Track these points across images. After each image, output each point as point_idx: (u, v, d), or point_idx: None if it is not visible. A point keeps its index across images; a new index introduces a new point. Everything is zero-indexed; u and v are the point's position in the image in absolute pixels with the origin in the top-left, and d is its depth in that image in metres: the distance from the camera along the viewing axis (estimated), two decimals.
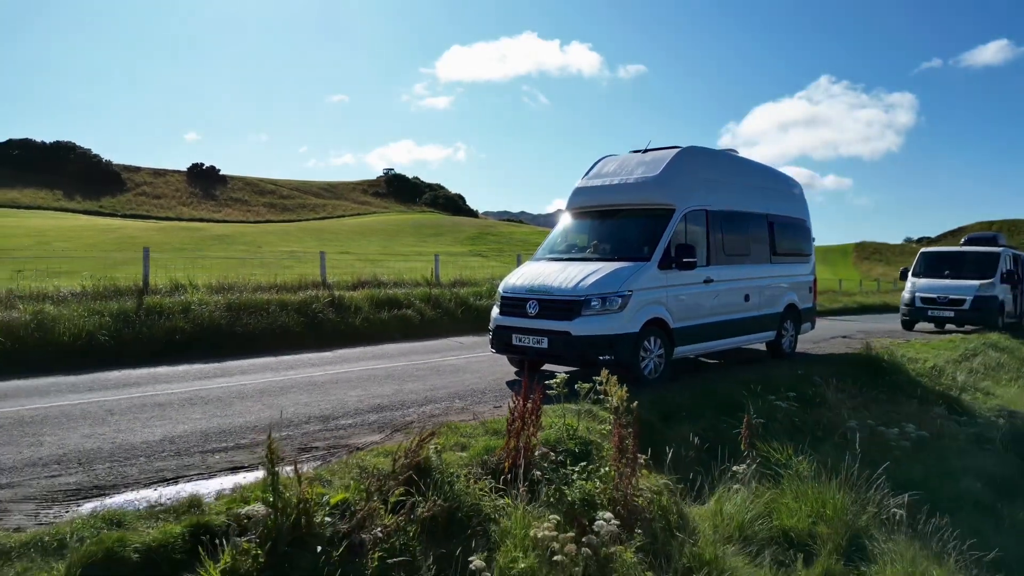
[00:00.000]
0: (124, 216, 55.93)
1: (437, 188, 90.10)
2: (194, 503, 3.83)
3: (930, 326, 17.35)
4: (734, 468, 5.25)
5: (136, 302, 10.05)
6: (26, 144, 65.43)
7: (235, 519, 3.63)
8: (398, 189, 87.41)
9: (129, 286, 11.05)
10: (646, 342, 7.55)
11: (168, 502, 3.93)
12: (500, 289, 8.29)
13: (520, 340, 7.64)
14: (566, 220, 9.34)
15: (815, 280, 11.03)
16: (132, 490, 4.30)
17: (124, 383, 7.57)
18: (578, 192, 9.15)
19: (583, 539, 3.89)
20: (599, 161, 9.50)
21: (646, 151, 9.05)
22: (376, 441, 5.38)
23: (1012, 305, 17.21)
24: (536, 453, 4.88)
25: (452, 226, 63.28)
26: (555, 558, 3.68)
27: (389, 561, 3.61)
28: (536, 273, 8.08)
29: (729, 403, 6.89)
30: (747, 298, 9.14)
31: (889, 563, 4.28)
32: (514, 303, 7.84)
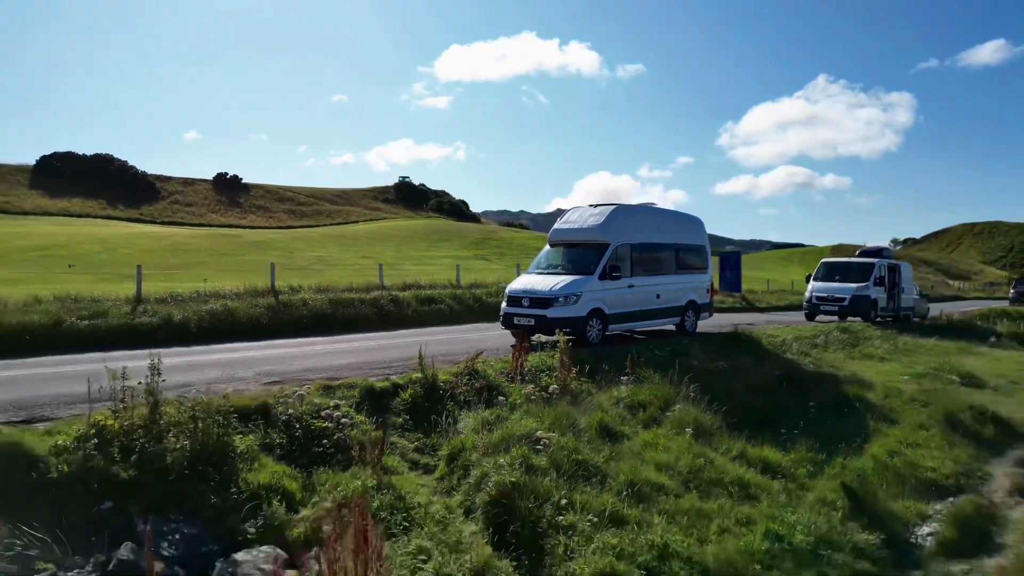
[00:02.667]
0: (162, 223, 61.43)
1: (442, 194, 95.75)
2: (387, 378, 9.38)
3: (832, 317, 22.78)
4: (621, 379, 10.78)
5: (274, 298, 15.61)
6: (69, 156, 70.92)
7: (408, 381, 9.18)
8: (406, 195, 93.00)
9: (263, 287, 16.58)
10: (590, 321, 13.07)
11: (375, 379, 9.45)
12: (507, 290, 13.84)
13: (518, 320, 13.15)
14: (547, 248, 14.90)
15: (711, 284, 16.58)
16: (370, 374, 9.80)
17: (292, 344, 13.09)
18: (555, 231, 14.71)
19: (543, 394, 9.46)
20: (568, 210, 15.06)
21: (596, 206, 14.59)
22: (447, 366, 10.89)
23: (886, 302, 22.73)
24: (526, 368, 10.46)
25: (458, 231, 68.81)
26: (531, 398, 9.22)
27: (466, 400, 9.15)
28: (528, 281, 13.64)
29: (639, 352, 12.39)
30: (658, 296, 14.67)
31: (677, 412, 9.78)
32: (515, 299, 13.37)
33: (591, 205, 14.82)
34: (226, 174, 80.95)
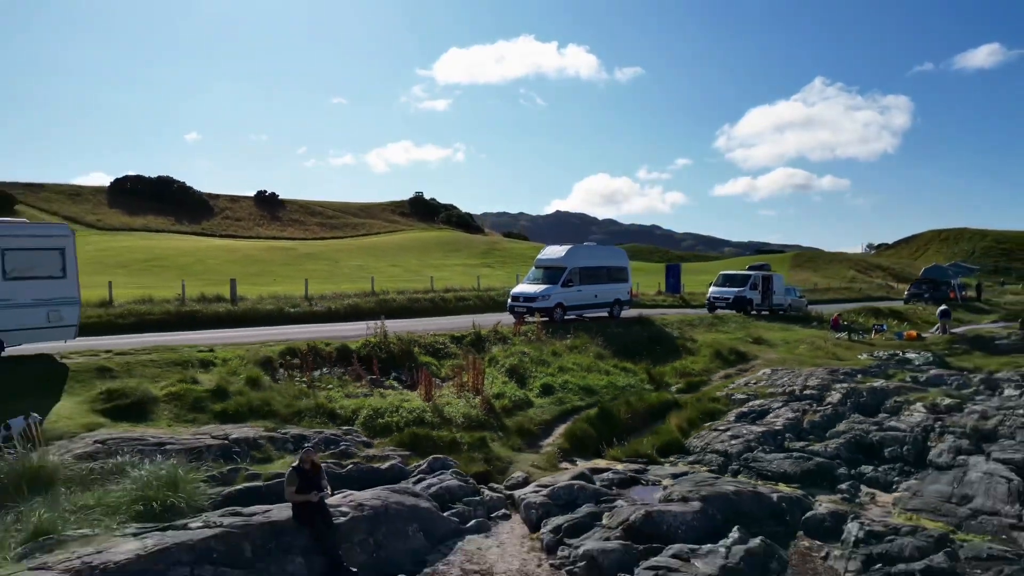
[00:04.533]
0: (222, 236, 72.47)
1: (451, 208, 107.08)
2: (459, 333, 20.44)
3: (728, 310, 33.64)
4: (567, 336, 21.83)
5: (375, 297, 26.66)
6: (138, 179, 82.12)
7: (467, 334, 20.24)
8: (419, 209, 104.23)
9: (367, 289, 27.61)
10: (556, 310, 24.11)
11: (454, 332, 20.49)
12: (511, 292, 24.94)
13: (517, 309, 24.16)
14: (533, 268, 25.96)
15: (631, 289, 27.64)
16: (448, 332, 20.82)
17: (399, 322, 24.08)
18: (537, 260, 25.82)
19: (528, 340, 20.57)
20: (546, 247, 26.22)
21: (561, 247, 25.72)
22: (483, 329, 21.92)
23: (760, 301, 33.70)
24: (521, 331, 21.62)
25: (467, 243, 79.91)
26: (523, 341, 20.31)
27: (494, 341, 20.25)
28: (523, 287, 24.76)
29: (578, 326, 23.39)
30: (596, 296, 25.70)
31: (590, 348, 20.81)
32: (516, 297, 24.44)
33: (559, 245, 25.97)
34: (264, 192, 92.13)
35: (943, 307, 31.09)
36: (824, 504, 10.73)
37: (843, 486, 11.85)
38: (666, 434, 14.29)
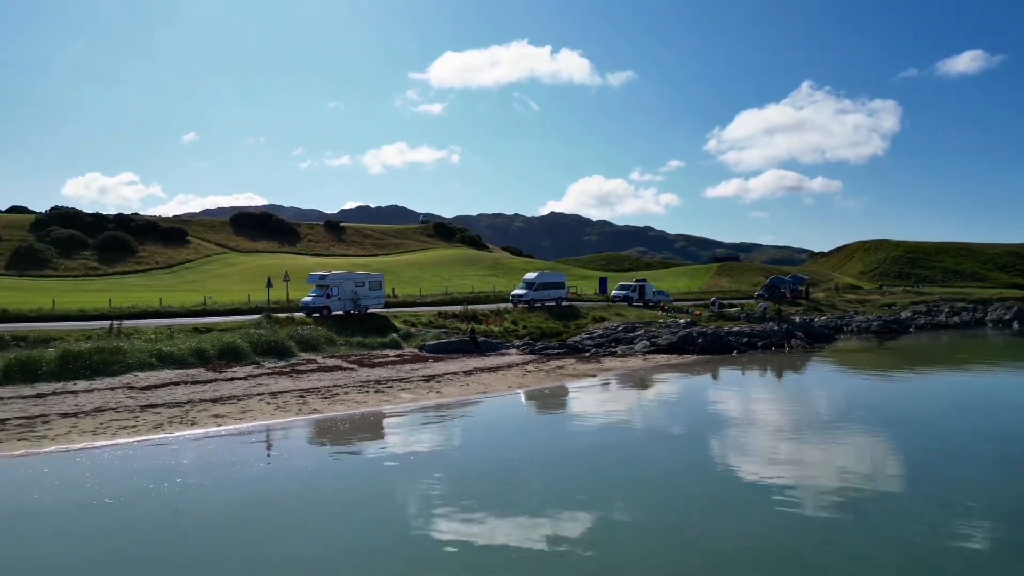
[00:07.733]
0: (314, 255, 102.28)
1: (464, 230, 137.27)
2: (494, 310, 50.55)
3: (623, 303, 63.26)
4: (535, 312, 51.88)
5: (450, 295, 56.73)
6: (248, 213, 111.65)
7: (495, 308, 50.28)
8: (440, 232, 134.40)
9: (444, 291, 57.59)
10: (531, 302, 54.29)
11: (488, 308, 50.50)
12: (511, 294, 55.16)
13: (515, 301, 54.27)
14: (521, 282, 56.18)
15: (567, 291, 57.71)
16: (487, 309, 50.75)
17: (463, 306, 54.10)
18: (523, 280, 56.02)
19: (520, 312, 50.76)
20: (528, 272, 56.57)
21: (533, 273, 56.01)
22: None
23: (637, 297, 63.37)
24: (516, 309, 51.87)
25: (478, 259, 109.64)
26: (517, 313, 50.39)
27: (504, 313, 50.44)
28: (516, 291, 54.96)
29: (540, 309, 53.21)
30: (549, 295, 55.75)
31: (542, 315, 50.79)
32: (514, 296, 54.61)
33: (536, 271, 56.30)
34: (331, 221, 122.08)
35: (714, 298, 61.08)
36: (593, 350, 40.86)
37: (610, 348, 42.14)
38: (560, 339, 44.51)
